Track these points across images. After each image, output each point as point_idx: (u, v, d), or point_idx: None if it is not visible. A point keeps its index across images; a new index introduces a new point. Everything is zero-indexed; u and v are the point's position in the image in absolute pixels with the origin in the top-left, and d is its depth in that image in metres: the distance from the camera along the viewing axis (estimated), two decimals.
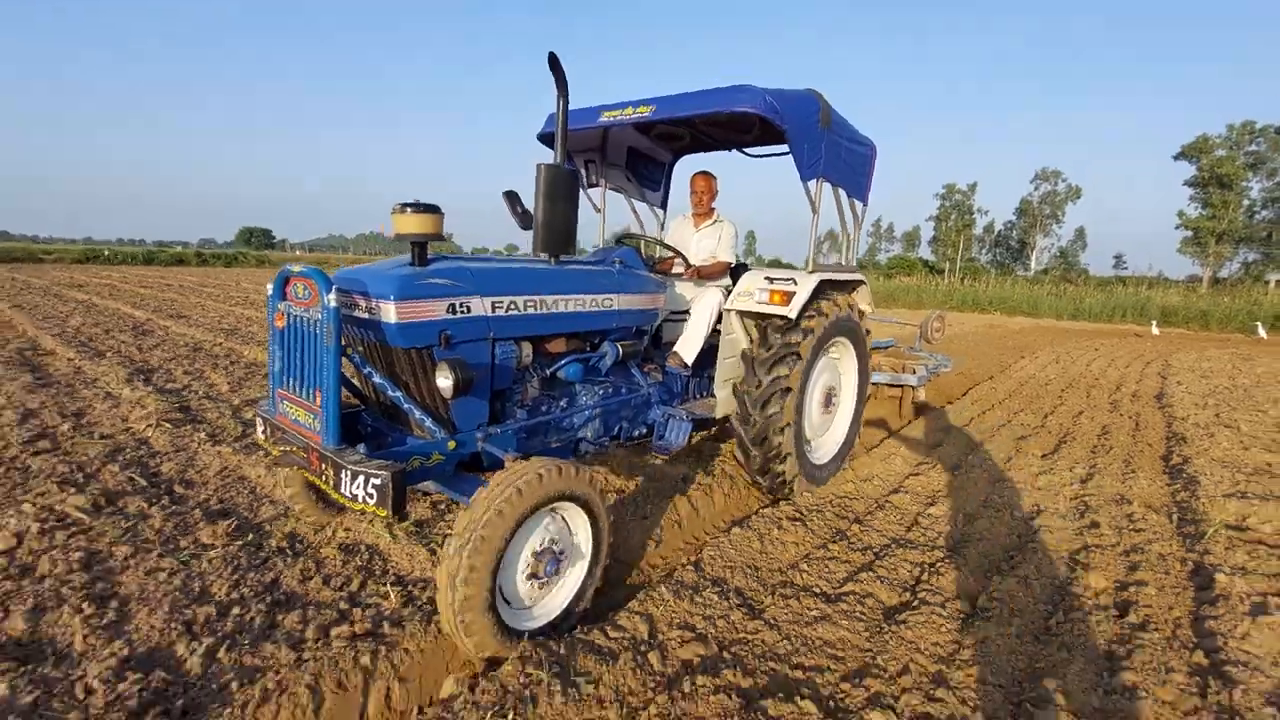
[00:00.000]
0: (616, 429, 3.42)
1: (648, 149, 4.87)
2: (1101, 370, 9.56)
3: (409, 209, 2.30)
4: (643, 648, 2.24)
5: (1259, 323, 17.47)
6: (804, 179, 3.58)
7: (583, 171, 4.50)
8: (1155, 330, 17.33)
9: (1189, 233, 51.05)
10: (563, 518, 2.38)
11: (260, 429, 2.58)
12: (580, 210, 3.22)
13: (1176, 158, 51.72)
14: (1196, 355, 11.60)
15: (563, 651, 2.14)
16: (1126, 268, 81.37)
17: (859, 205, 4.28)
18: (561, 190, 2.80)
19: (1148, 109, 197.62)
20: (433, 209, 2.32)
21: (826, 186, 3.77)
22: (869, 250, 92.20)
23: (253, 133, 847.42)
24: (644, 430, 3.61)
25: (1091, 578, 2.88)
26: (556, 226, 2.83)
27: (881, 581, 2.81)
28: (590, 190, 4.51)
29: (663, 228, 5.19)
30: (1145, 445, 5.22)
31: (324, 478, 2.19)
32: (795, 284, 3.55)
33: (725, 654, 2.26)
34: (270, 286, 2.41)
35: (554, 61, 2.71)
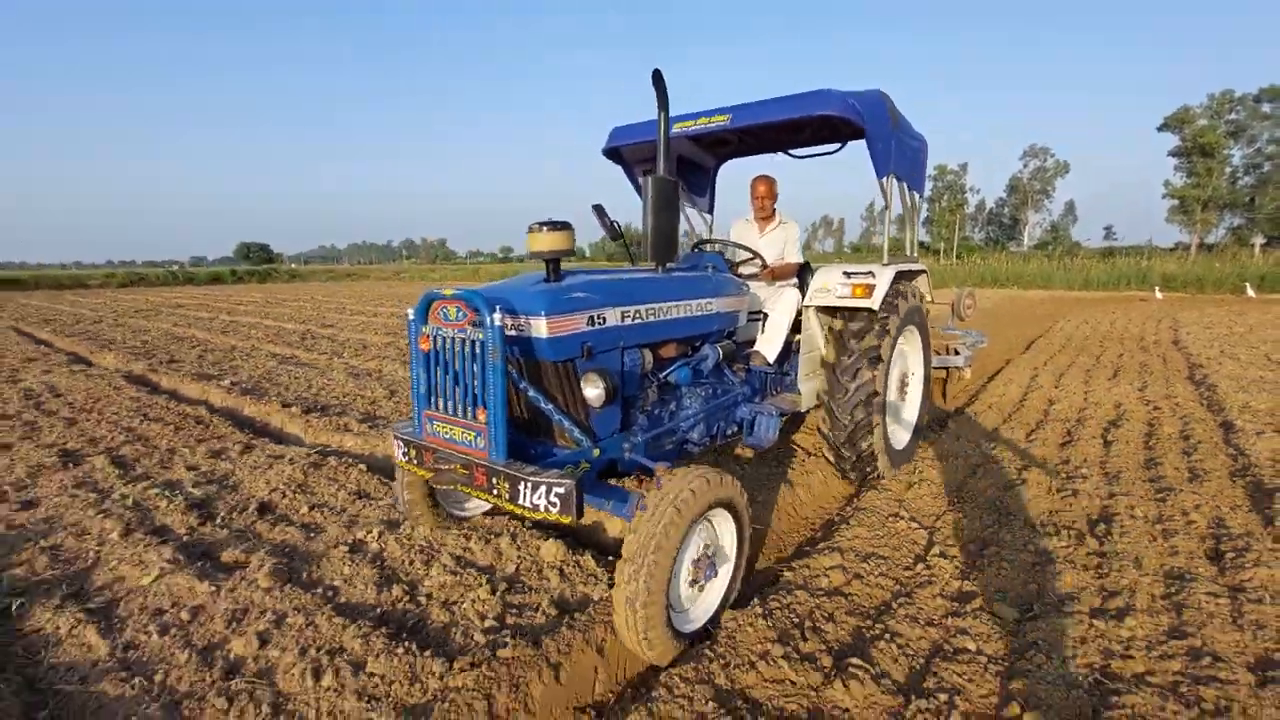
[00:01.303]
0: (715, 429, 3.51)
1: (694, 155, 4.99)
2: (1124, 327, 11.96)
3: (545, 227, 2.38)
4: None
5: (1248, 284, 20.12)
6: (879, 175, 3.81)
7: (641, 181, 4.80)
8: (1159, 295, 19.89)
9: (1175, 201, 53.96)
10: (711, 523, 2.49)
11: (401, 451, 2.63)
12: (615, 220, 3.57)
13: (1160, 129, 54.57)
14: (1198, 313, 14.09)
15: None
16: (1117, 238, 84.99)
17: (916, 197, 4.59)
18: (667, 201, 2.91)
19: (1130, 83, 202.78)
20: (565, 225, 2.41)
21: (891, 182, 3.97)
22: (864, 234, 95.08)
23: (236, 148, 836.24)
24: (735, 429, 3.70)
25: (1164, 428, 5.13)
26: (663, 235, 2.93)
27: (1040, 432, 5.03)
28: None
29: (710, 232, 5.34)
30: (1174, 370, 7.53)
31: (495, 492, 2.26)
32: (874, 276, 3.75)
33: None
34: (411, 311, 2.47)
35: (658, 78, 2.82)
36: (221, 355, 9.27)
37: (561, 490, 2.12)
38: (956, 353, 5.91)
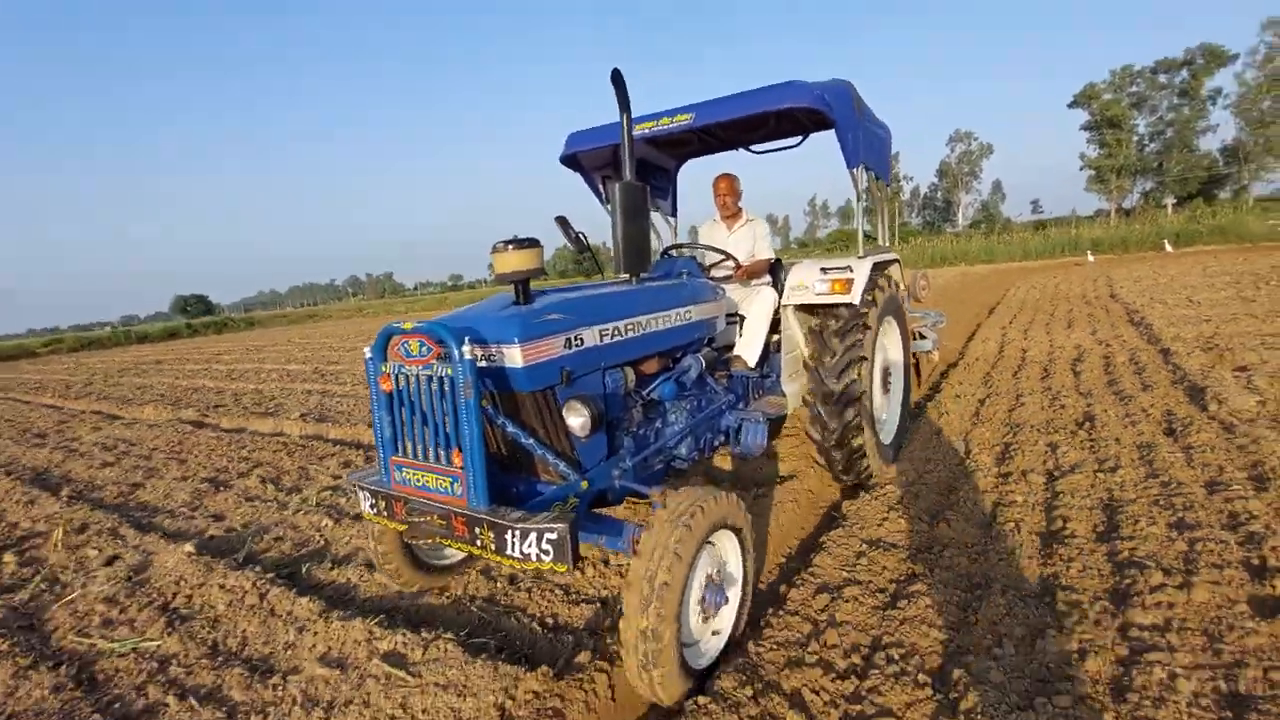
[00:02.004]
0: (702, 442, 3.42)
1: (654, 158, 4.91)
2: (1067, 288, 13.62)
3: (511, 246, 2.24)
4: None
5: (1165, 241, 22.51)
6: (850, 166, 3.76)
7: (601, 188, 4.60)
8: (1091, 258, 22.07)
9: (1092, 172, 58.31)
10: (716, 546, 2.33)
11: (368, 503, 2.42)
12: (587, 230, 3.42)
13: (1070, 105, 58.93)
14: (1126, 270, 15.98)
15: None
16: (1044, 211, 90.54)
17: (884, 185, 4.56)
18: (636, 208, 2.82)
19: (1038, 63, 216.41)
20: (533, 243, 2.28)
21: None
22: (809, 228, 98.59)
23: (153, 200, 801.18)
24: (722, 438, 3.61)
25: (1118, 358, 6.41)
26: (635, 244, 2.84)
27: (1023, 371, 6.24)
28: (609, 206, 4.27)
29: (675, 235, 5.25)
30: (1116, 317, 8.96)
31: (478, 543, 2.08)
32: (851, 271, 3.67)
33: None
34: (369, 350, 2.28)
35: (617, 78, 2.71)
36: (258, 397, 9.81)
37: (554, 536, 1.94)
38: (923, 337, 5.84)
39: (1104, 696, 1.92)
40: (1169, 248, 22.01)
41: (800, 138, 4.65)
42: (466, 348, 2.02)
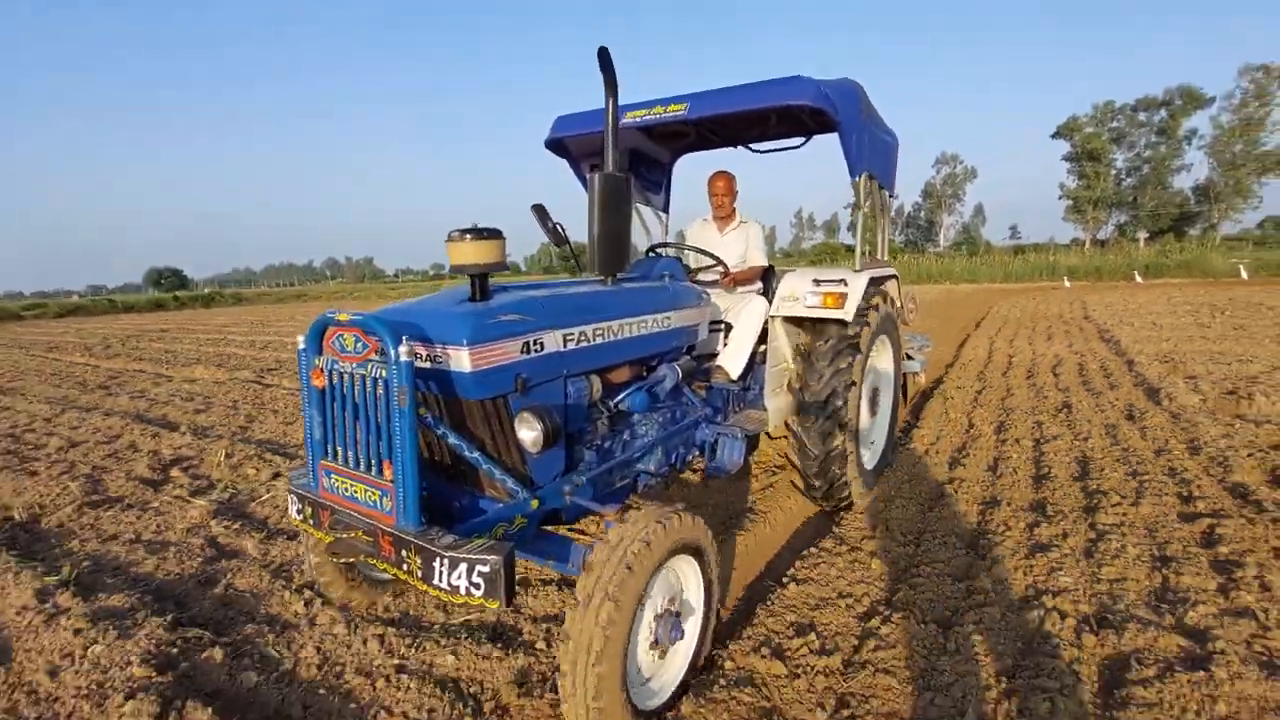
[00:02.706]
0: (674, 457, 3.21)
1: (649, 149, 4.67)
2: (1045, 308, 14.95)
3: (468, 235, 2.06)
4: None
5: (1135, 272, 24.25)
6: (853, 174, 3.58)
7: (588, 177, 4.35)
8: (1067, 284, 23.66)
9: (1070, 201, 60.92)
10: (674, 571, 2.14)
11: (295, 507, 2.23)
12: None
13: (1053, 136, 61.48)
14: (1099, 297, 17.45)
15: None
16: (1020, 236, 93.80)
17: (887, 195, 4.35)
18: (617, 201, 2.61)
19: (1025, 94, 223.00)
20: (494, 234, 2.09)
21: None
22: (794, 240, 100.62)
23: (126, 166, 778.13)
24: (696, 453, 3.42)
25: (1090, 365, 7.56)
26: (613, 242, 2.65)
27: (1010, 372, 7.35)
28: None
29: (667, 233, 4.99)
30: (1089, 334, 10.20)
31: (405, 567, 1.86)
32: (845, 284, 3.49)
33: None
34: (302, 340, 2.07)
35: (604, 57, 2.49)
36: None
37: (486, 569, 1.74)
38: (910, 358, 5.64)
39: (1081, 556, 2.95)
40: (1139, 278, 23.72)
41: (803, 139, 4.44)
42: (404, 348, 1.80)
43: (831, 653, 2.37)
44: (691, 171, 5.35)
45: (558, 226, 3.28)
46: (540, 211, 3.22)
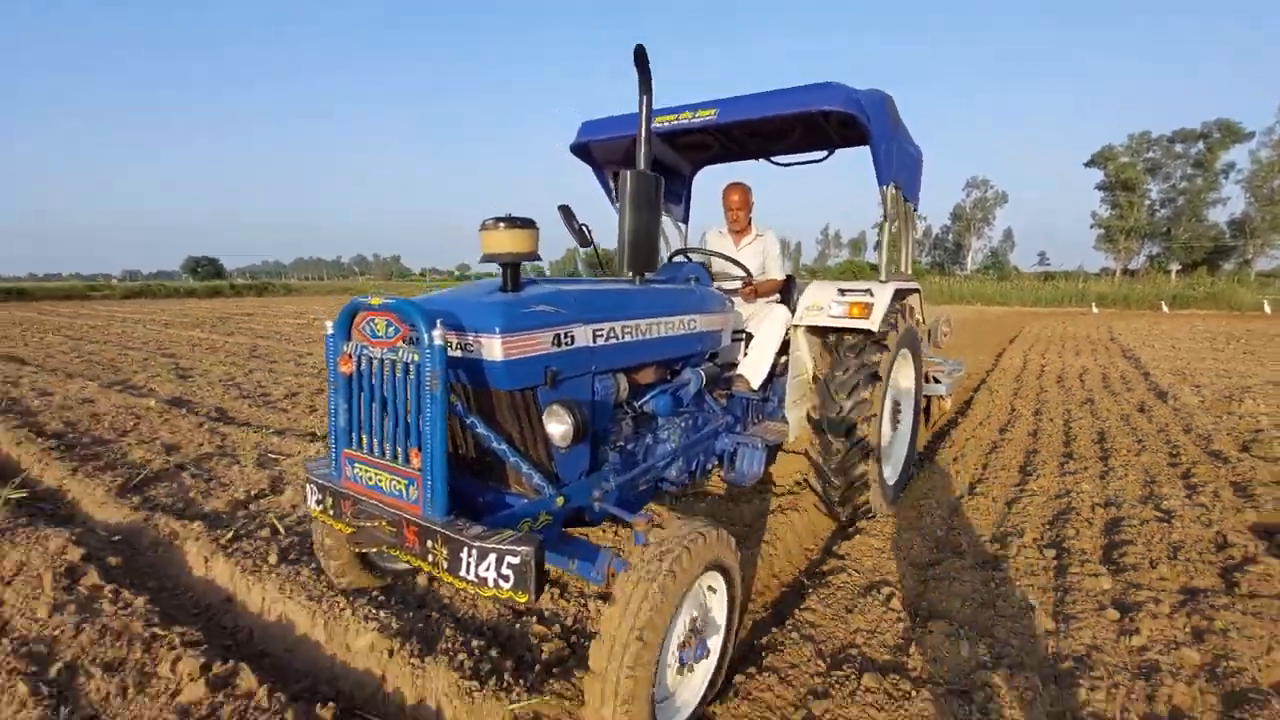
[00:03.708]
0: (695, 465, 3.24)
1: (670, 160, 4.72)
2: (1074, 330, 16.38)
3: (501, 224, 2.06)
4: None
5: (1163, 302, 25.51)
6: (881, 183, 3.62)
7: (611, 183, 4.45)
8: (1095, 310, 24.97)
9: (1102, 230, 61.68)
10: (702, 588, 2.15)
11: (314, 498, 2.24)
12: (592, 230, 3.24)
13: (1087, 165, 62.34)
14: (1125, 323, 18.82)
15: None
16: (1049, 263, 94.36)
17: (913, 209, 4.42)
18: (648, 201, 2.62)
19: (1059, 121, 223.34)
20: (528, 223, 2.09)
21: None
22: (819, 256, 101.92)
23: (165, 158, 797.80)
24: (715, 462, 3.47)
25: (1113, 375, 9.01)
26: (643, 241, 2.67)
27: (1043, 377, 8.82)
28: (618, 204, 3.58)
29: (685, 243, 5.05)
30: (1114, 353, 11.62)
31: (430, 558, 1.88)
32: (872, 295, 3.53)
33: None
34: (330, 325, 2.10)
35: (640, 56, 2.53)
36: None
37: (516, 560, 1.74)
38: (937, 380, 5.69)
39: (1096, 478, 4.46)
40: (1165, 308, 25.01)
41: (827, 151, 4.49)
42: (438, 331, 1.82)
43: (944, 506, 3.89)
44: (712, 185, 5.49)
45: (584, 228, 3.29)
46: (566, 212, 3.23)
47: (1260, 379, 8.28)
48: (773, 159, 4.77)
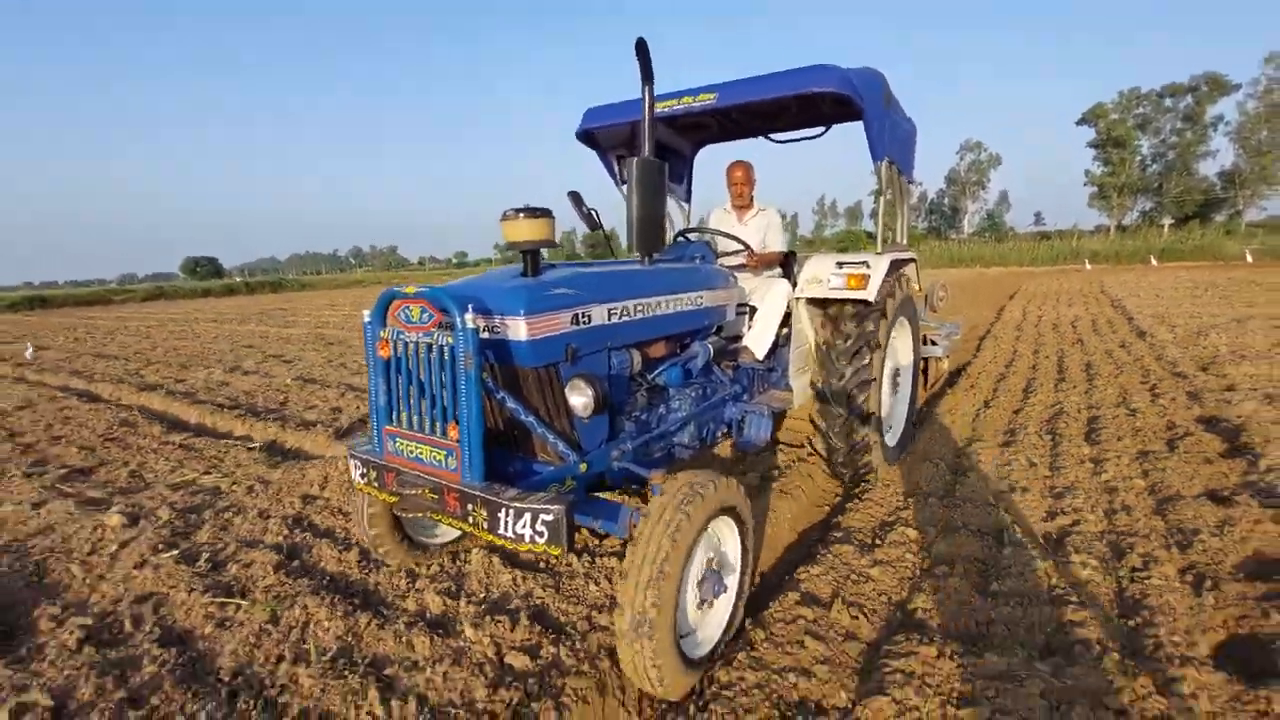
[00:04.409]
0: (705, 432, 3.46)
1: (671, 141, 4.90)
2: (1069, 286, 17.76)
3: (521, 214, 2.26)
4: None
5: (1151, 256, 26.89)
6: (875, 159, 3.82)
7: (616, 167, 4.65)
8: (1088, 266, 26.39)
9: (1095, 188, 62.68)
10: (714, 532, 2.35)
11: (359, 472, 2.46)
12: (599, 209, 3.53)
13: (1078, 123, 63.03)
14: (1116, 277, 20.20)
15: None
16: (1045, 222, 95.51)
17: (906, 182, 4.59)
18: (653, 185, 2.80)
19: (1050, 79, 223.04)
20: (545, 213, 2.29)
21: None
22: (816, 226, 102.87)
23: (151, 156, 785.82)
24: (724, 430, 3.66)
25: (1102, 321, 10.34)
26: (650, 224, 2.85)
27: (1039, 326, 10.15)
28: (624, 187, 3.81)
29: (688, 221, 5.25)
30: (1103, 303, 12.97)
31: (470, 519, 2.11)
32: (869, 267, 3.69)
33: None
34: (368, 313, 2.30)
35: (641, 48, 2.71)
36: None
37: (550, 518, 1.97)
38: (934, 343, 5.93)
39: (1082, 394, 5.80)
40: (1154, 262, 26.38)
41: (823, 128, 4.71)
42: (470, 316, 2.01)
43: (968, 415, 5.21)
44: (711, 163, 5.60)
45: (592, 212, 3.56)
46: (576, 198, 3.47)
47: (1227, 318, 9.61)
48: (771, 136, 5.03)
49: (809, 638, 2.40)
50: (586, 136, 4.46)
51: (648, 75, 2.79)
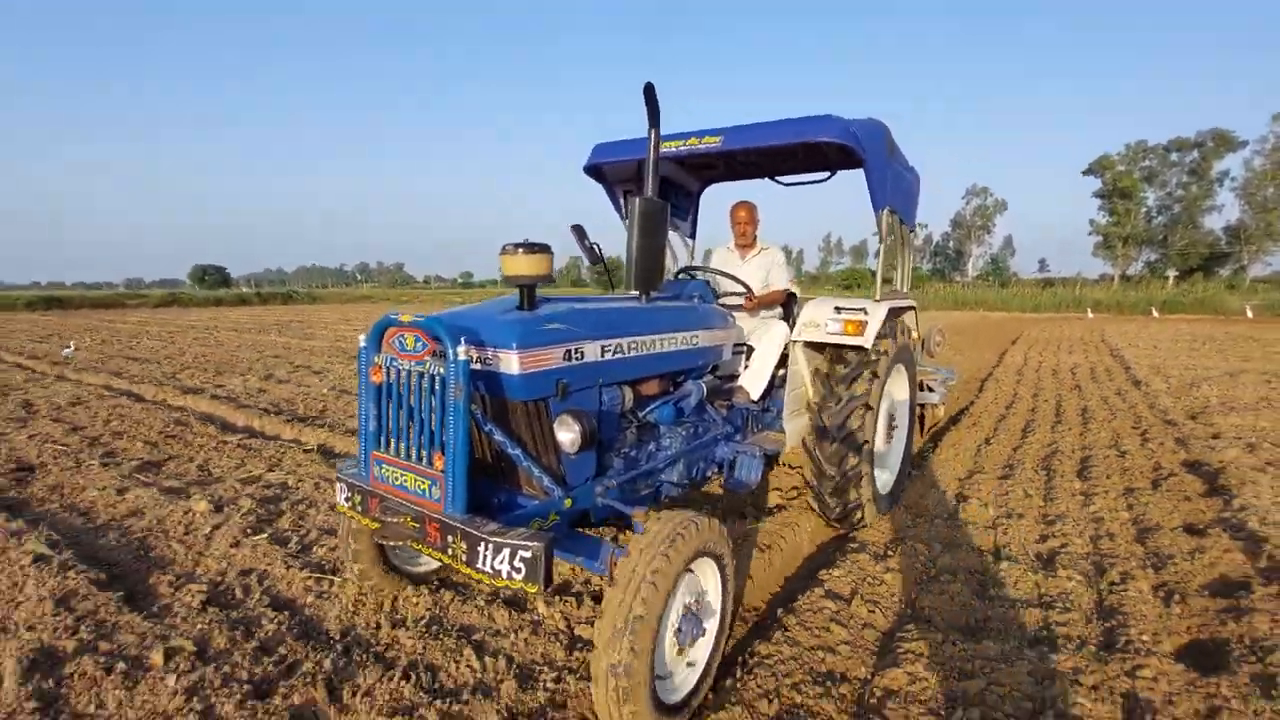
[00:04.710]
0: (695, 471, 3.47)
1: (678, 178, 4.99)
2: (1070, 333, 18.32)
3: (521, 249, 2.31)
4: None
5: (1153, 307, 27.50)
6: (876, 208, 3.90)
7: (622, 202, 4.70)
8: (1090, 315, 26.98)
9: (1100, 238, 63.61)
10: (696, 574, 2.33)
11: (343, 495, 2.48)
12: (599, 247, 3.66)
13: (1084, 173, 64.24)
14: (1117, 327, 20.79)
15: None
16: (1049, 269, 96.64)
17: (908, 231, 4.71)
18: (655, 225, 2.86)
19: (1058, 130, 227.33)
20: (544, 249, 2.34)
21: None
22: (821, 263, 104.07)
23: (158, 163, 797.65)
24: (715, 469, 3.68)
25: (1100, 370, 10.83)
26: (649, 262, 2.90)
27: (1039, 371, 10.63)
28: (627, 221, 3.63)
29: (692, 258, 5.37)
30: (1103, 352, 13.47)
31: (449, 551, 2.10)
32: (866, 313, 3.76)
33: None
34: (363, 338, 2.34)
35: (649, 93, 2.78)
36: None
37: (528, 554, 1.96)
38: (930, 389, 6.01)
39: (1078, 435, 6.25)
40: (1155, 313, 26.99)
41: (828, 174, 4.82)
42: (462, 348, 2.03)
43: (969, 450, 5.66)
44: (717, 200, 6.32)
45: (594, 245, 3.66)
46: (579, 231, 3.58)
47: (1220, 371, 10.08)
48: (777, 179, 5.14)
49: (833, 624, 2.82)
50: (595, 171, 4.56)
51: (654, 119, 2.87)
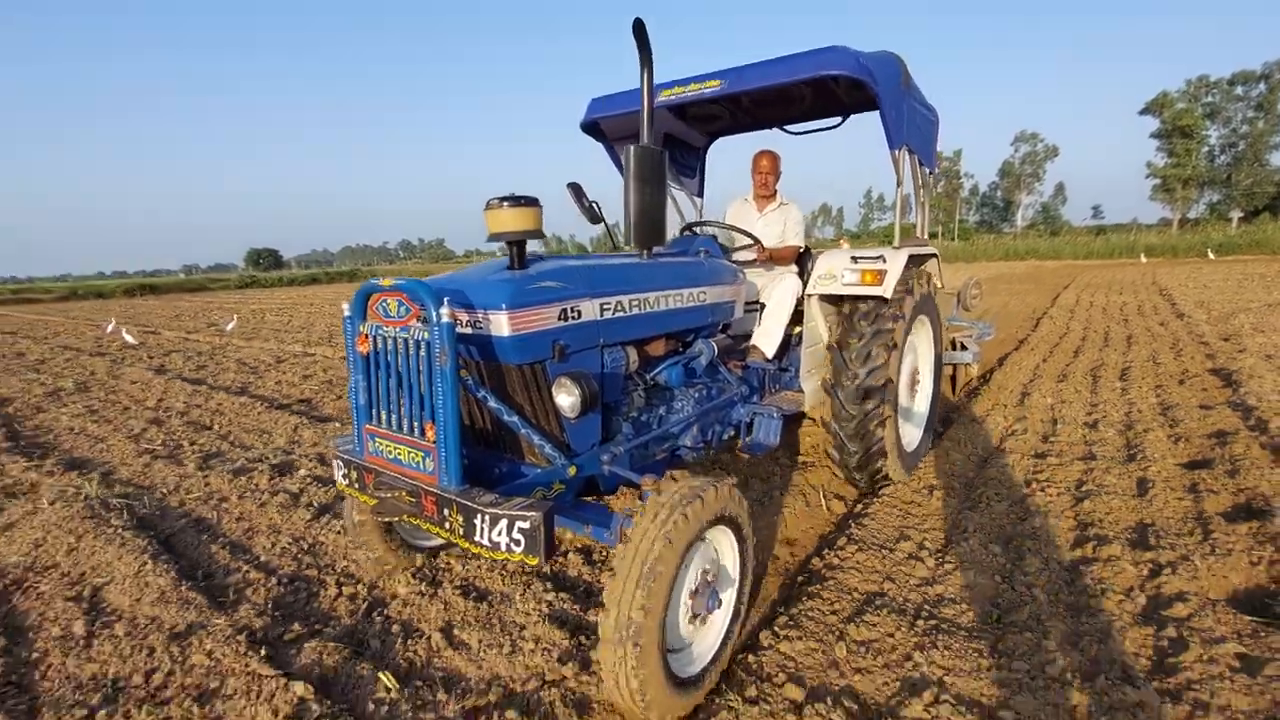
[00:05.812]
0: (710, 434, 3.38)
1: (682, 133, 4.84)
2: (1123, 277, 19.21)
3: (505, 203, 2.18)
4: None
5: (1209, 250, 27.76)
6: (892, 147, 3.71)
7: (624, 151, 4.25)
8: (1144, 260, 27.44)
9: (1158, 181, 61.55)
10: (711, 542, 2.28)
11: (340, 472, 2.43)
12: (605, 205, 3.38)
13: (1141, 113, 61.99)
14: (1169, 270, 21.56)
15: None
16: (1104, 216, 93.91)
17: (928, 172, 4.43)
18: (653, 175, 2.67)
19: (1114, 67, 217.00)
20: (531, 201, 2.21)
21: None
22: (863, 220, 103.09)
23: (209, 151, 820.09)
24: (732, 432, 3.58)
25: (1147, 307, 11.97)
26: (649, 216, 2.70)
27: (1092, 310, 11.82)
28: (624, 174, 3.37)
29: (700, 216, 5.21)
30: (1152, 292, 14.51)
31: (446, 525, 2.05)
32: (885, 262, 3.60)
33: None
34: (347, 306, 2.28)
35: (639, 29, 2.61)
36: None
37: (526, 525, 1.89)
38: (964, 348, 5.69)
39: (1122, 353, 7.63)
40: (1211, 255, 27.28)
41: (840, 118, 4.65)
42: (445, 310, 1.96)
43: (1029, 367, 7.08)
44: (726, 157, 5.52)
45: (594, 205, 3.44)
46: (576, 190, 3.38)
47: (1261, 304, 11.16)
48: (785, 128, 4.91)
49: (950, 452, 4.40)
50: (592, 127, 4.42)
51: (646, 59, 2.68)
